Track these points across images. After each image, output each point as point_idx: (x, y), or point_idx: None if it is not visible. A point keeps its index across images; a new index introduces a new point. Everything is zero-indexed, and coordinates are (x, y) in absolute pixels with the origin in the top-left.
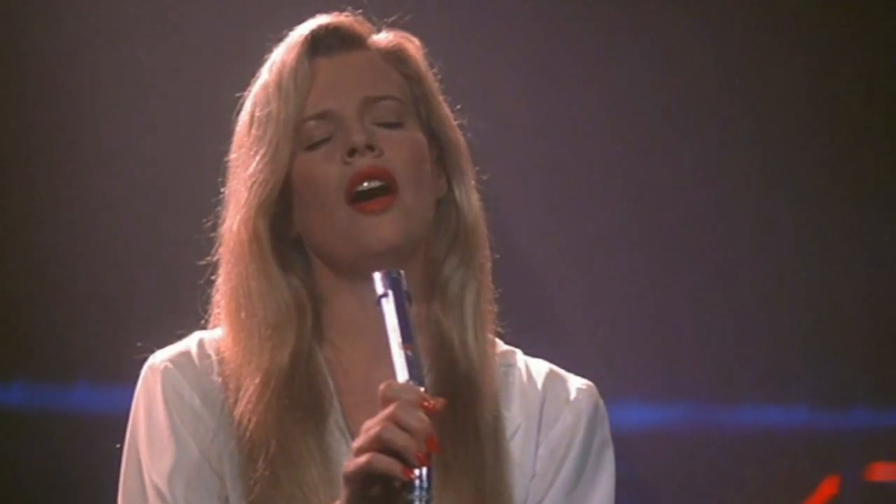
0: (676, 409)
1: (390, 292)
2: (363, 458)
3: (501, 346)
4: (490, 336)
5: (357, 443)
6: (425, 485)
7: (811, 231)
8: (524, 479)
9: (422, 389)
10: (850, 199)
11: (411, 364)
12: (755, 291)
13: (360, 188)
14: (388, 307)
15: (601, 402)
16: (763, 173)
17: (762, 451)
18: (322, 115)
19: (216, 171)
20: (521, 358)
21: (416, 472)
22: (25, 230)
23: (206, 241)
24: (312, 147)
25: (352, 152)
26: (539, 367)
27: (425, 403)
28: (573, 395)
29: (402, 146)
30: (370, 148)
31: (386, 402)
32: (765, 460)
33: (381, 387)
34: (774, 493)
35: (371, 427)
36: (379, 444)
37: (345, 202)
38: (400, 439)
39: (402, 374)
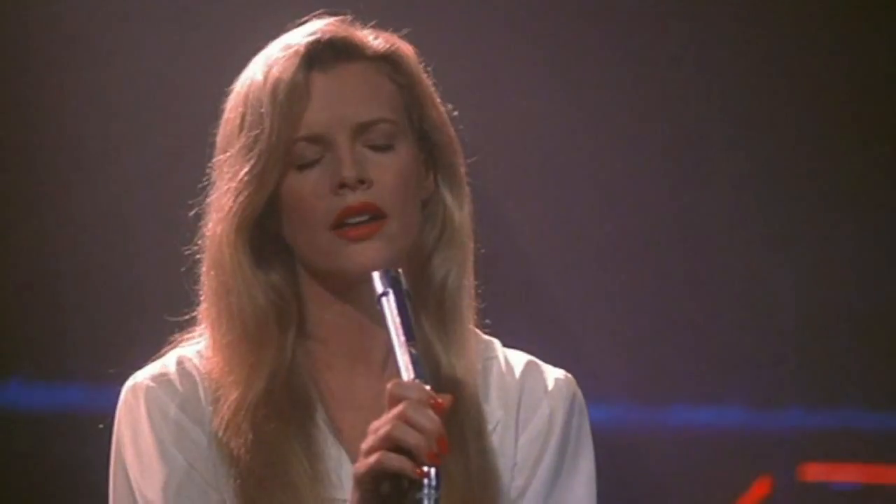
0: (609, 409)
1: (390, 291)
2: (373, 458)
3: (481, 337)
4: (471, 330)
5: (366, 443)
6: (434, 483)
7: (744, 231)
8: (507, 473)
9: (428, 388)
10: (781, 198)
11: (416, 362)
12: (688, 291)
13: (348, 221)
14: (389, 306)
15: (579, 392)
16: (702, 174)
17: (695, 451)
18: (314, 139)
19: (199, 173)
20: (499, 349)
21: (426, 469)
22: None
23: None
24: (302, 167)
25: (342, 185)
26: (517, 359)
27: (433, 402)
28: (550, 385)
29: (391, 172)
30: (361, 181)
31: (394, 400)
32: (697, 461)
33: (389, 385)
34: (706, 494)
35: (380, 426)
36: (389, 443)
37: (329, 229)
38: (411, 438)
39: (406, 373)
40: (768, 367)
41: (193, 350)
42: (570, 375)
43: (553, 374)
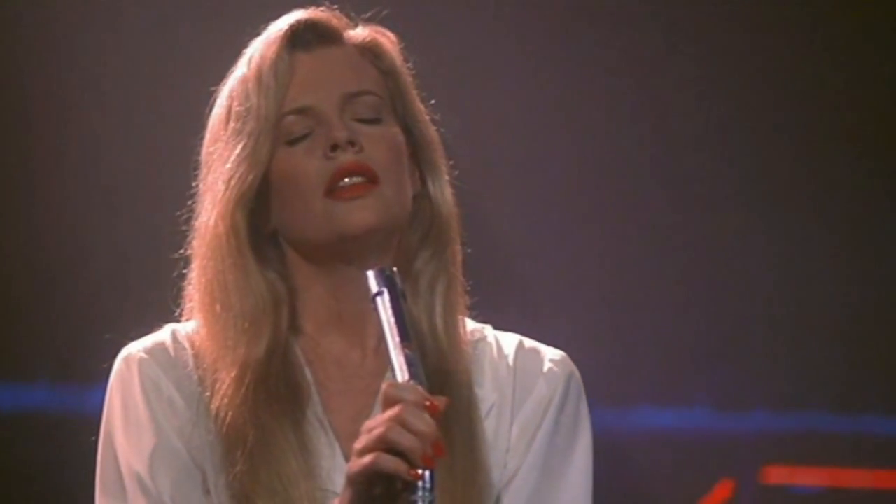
0: None
1: (385, 290)
2: (367, 458)
3: (471, 324)
4: (460, 319)
5: (359, 443)
6: (428, 485)
7: (706, 234)
8: (499, 458)
9: (421, 389)
10: (749, 201)
11: (411, 363)
12: (653, 293)
13: (341, 184)
14: (384, 306)
15: (576, 371)
16: (673, 176)
17: (658, 453)
18: (302, 111)
19: (182, 169)
20: (490, 333)
21: (421, 472)
22: None
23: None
24: (292, 142)
25: (334, 148)
26: (509, 341)
27: (428, 404)
28: (546, 366)
29: (381, 142)
30: (352, 143)
31: (389, 402)
32: (660, 463)
33: (384, 386)
34: (669, 496)
35: (375, 427)
36: (384, 445)
37: (323, 195)
38: (407, 441)
39: (401, 374)
40: (733, 370)
41: (188, 326)
42: (565, 355)
43: (548, 354)
